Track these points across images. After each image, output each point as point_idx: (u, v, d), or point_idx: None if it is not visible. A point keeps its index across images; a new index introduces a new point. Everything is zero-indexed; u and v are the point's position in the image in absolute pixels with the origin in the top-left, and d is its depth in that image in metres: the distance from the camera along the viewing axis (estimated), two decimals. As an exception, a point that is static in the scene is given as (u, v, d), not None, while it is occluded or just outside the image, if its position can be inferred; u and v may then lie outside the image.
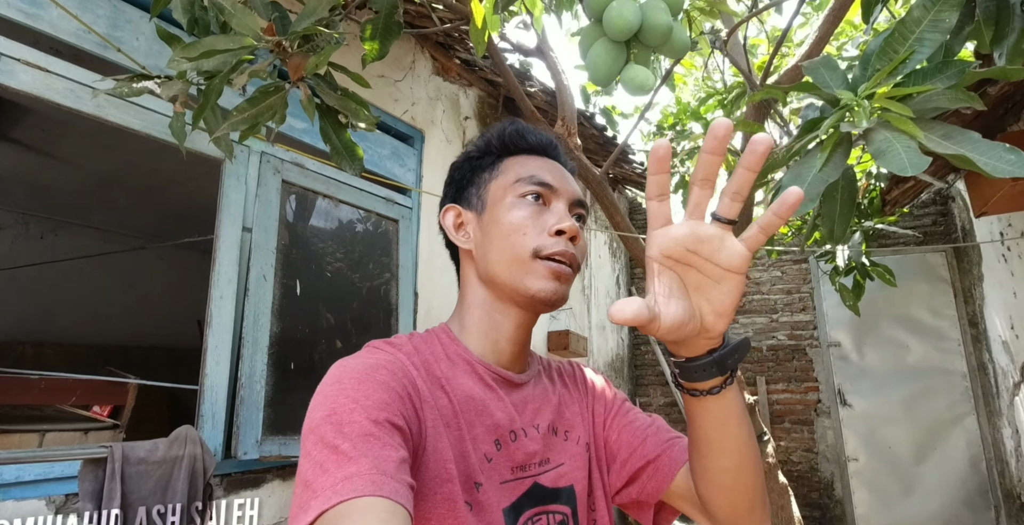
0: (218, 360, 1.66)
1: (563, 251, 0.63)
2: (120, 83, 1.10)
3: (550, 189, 0.67)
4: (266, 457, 1.69)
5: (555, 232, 0.63)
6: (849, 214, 0.95)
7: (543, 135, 0.73)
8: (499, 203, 0.67)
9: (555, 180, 0.68)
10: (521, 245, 0.63)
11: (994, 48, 0.94)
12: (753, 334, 4.61)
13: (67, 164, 3.02)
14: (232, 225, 1.75)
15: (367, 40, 1.09)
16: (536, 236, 0.64)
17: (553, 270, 0.62)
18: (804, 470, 4.31)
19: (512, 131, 0.71)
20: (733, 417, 0.56)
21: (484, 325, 0.67)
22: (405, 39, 2.54)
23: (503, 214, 0.66)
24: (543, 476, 0.64)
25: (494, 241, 0.65)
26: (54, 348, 3.64)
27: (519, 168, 0.69)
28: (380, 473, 0.45)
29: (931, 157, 0.73)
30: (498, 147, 0.71)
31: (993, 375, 3.68)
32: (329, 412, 0.50)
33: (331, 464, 0.46)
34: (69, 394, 2.01)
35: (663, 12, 1.21)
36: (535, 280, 0.62)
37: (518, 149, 0.71)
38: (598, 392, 0.75)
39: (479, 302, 0.67)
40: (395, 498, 0.44)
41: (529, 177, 0.67)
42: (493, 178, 0.69)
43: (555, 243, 0.63)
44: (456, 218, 0.70)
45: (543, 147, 0.72)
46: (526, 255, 0.63)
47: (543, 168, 0.69)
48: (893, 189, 3.08)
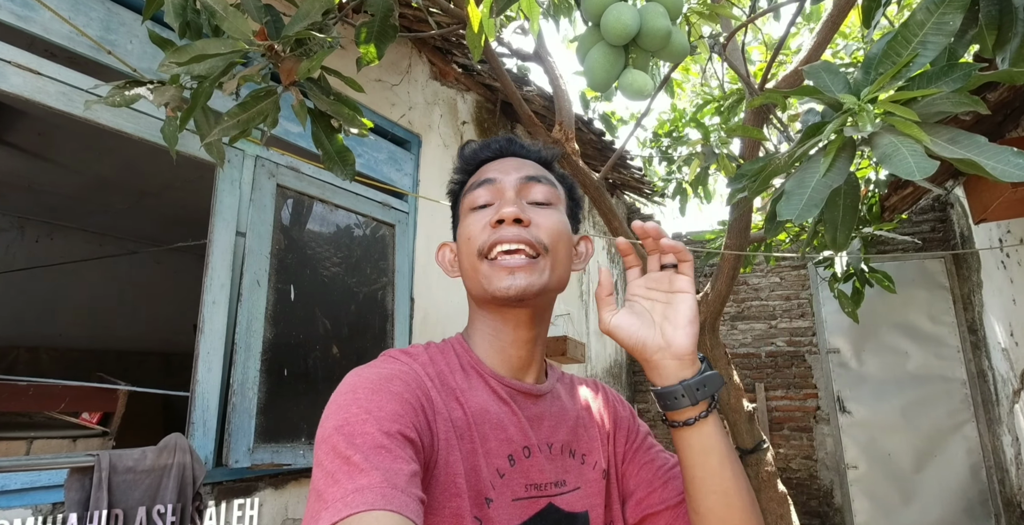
0: (210, 366, 1.63)
1: (498, 239, 0.61)
2: (113, 91, 1.09)
3: (492, 183, 0.66)
4: (258, 465, 1.66)
5: (496, 223, 0.62)
6: (852, 220, 0.93)
7: (495, 142, 0.72)
8: (460, 224, 0.68)
9: (496, 172, 0.67)
10: (471, 254, 0.64)
11: (997, 52, 0.93)
12: (752, 340, 4.59)
13: (63, 168, 3.00)
14: (226, 229, 1.73)
15: (362, 43, 1.08)
16: (479, 235, 0.63)
17: (498, 266, 0.61)
18: (803, 478, 4.28)
19: (466, 153, 0.72)
20: (714, 453, 0.57)
21: (488, 335, 0.66)
22: (402, 43, 2.53)
23: (460, 232, 0.67)
24: (559, 498, 0.62)
25: (462, 261, 0.66)
26: (49, 353, 3.61)
27: (473, 179, 0.69)
28: (391, 486, 0.44)
29: (938, 162, 0.72)
30: (462, 173, 0.72)
31: (993, 382, 3.66)
32: (342, 422, 0.50)
33: (342, 475, 0.45)
34: (58, 401, 1.98)
35: (662, 16, 1.20)
36: (489, 281, 0.62)
37: (477, 165, 0.71)
38: (622, 421, 0.73)
39: (478, 317, 0.68)
40: (405, 513, 0.43)
41: (471, 184, 0.67)
42: (461, 204, 0.70)
43: (492, 233, 0.62)
44: (450, 253, 0.72)
45: (500, 151, 0.71)
46: (475, 261, 0.63)
47: (490, 167, 0.68)
48: (892, 195, 3.08)
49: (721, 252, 2.20)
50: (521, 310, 0.64)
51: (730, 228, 2.19)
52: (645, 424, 0.76)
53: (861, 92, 0.81)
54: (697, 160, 2.93)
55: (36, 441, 1.91)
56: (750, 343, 4.59)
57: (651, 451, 0.71)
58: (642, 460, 0.69)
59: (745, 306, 4.66)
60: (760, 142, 2.12)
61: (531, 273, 0.61)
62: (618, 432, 0.71)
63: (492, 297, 0.62)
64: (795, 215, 0.79)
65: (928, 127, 0.75)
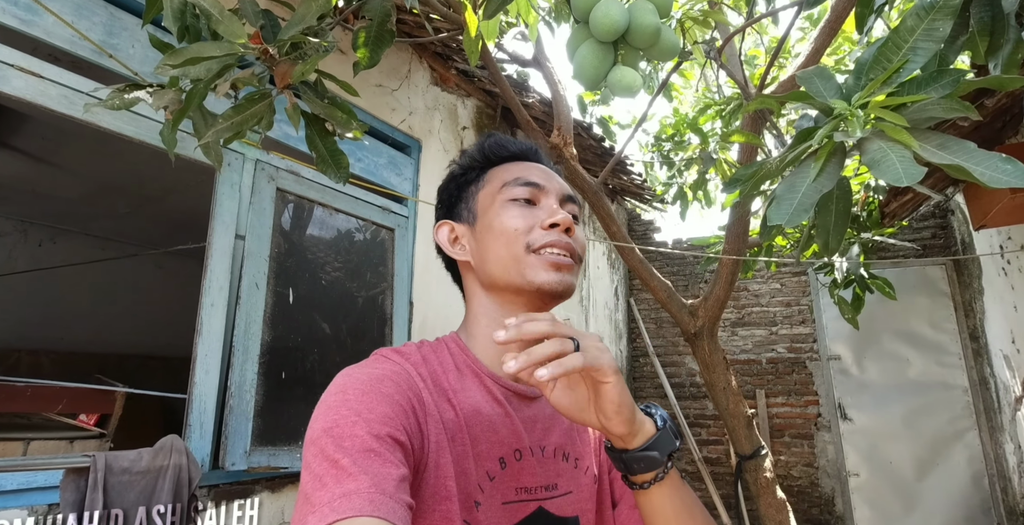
0: (207, 369, 1.64)
1: (556, 240, 0.63)
2: (113, 94, 1.10)
3: (537, 188, 0.67)
4: (254, 468, 1.66)
5: (548, 226, 0.64)
6: (844, 225, 0.93)
7: (523, 142, 0.74)
8: (489, 210, 0.67)
9: (541, 179, 0.68)
10: (516, 243, 0.63)
11: (989, 59, 0.93)
12: (752, 346, 4.58)
13: (66, 172, 3.02)
14: (225, 233, 1.74)
15: (359, 47, 1.09)
16: (528, 233, 0.64)
17: (551, 261, 0.63)
18: (804, 485, 4.25)
19: (492, 142, 0.72)
20: (671, 514, 0.57)
21: (491, 332, 0.65)
22: (403, 49, 2.55)
23: (494, 219, 0.66)
24: (550, 502, 0.62)
25: (490, 246, 0.65)
26: (50, 356, 3.62)
27: (504, 174, 0.69)
28: (379, 492, 0.44)
29: (927, 168, 0.72)
30: (480, 160, 0.72)
31: (995, 390, 3.64)
32: (331, 424, 0.49)
33: (330, 479, 0.45)
34: (55, 402, 1.98)
35: (650, 13, 1.20)
36: (536, 273, 0.62)
37: (500, 159, 0.72)
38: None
39: (485, 310, 0.67)
40: (392, 519, 0.43)
41: (515, 179, 0.68)
42: (480, 189, 0.70)
43: (547, 235, 0.63)
44: (450, 233, 0.71)
45: (524, 153, 0.73)
46: (521, 252, 0.63)
47: (528, 170, 0.69)
48: (891, 201, 3.07)
49: (720, 257, 2.21)
50: (543, 309, 0.65)
51: (728, 233, 2.19)
52: None
53: (852, 97, 0.81)
54: (697, 165, 2.93)
55: (33, 442, 1.91)
56: (751, 349, 4.58)
57: None
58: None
59: (746, 312, 4.65)
60: (757, 147, 2.13)
61: (572, 274, 0.65)
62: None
63: (534, 288, 0.62)
64: (785, 219, 0.79)
65: (918, 133, 0.75)
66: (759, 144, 1.78)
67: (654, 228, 5.22)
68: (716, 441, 4.53)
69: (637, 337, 4.94)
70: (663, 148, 3.42)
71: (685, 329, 2.33)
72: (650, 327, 4.93)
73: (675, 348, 4.80)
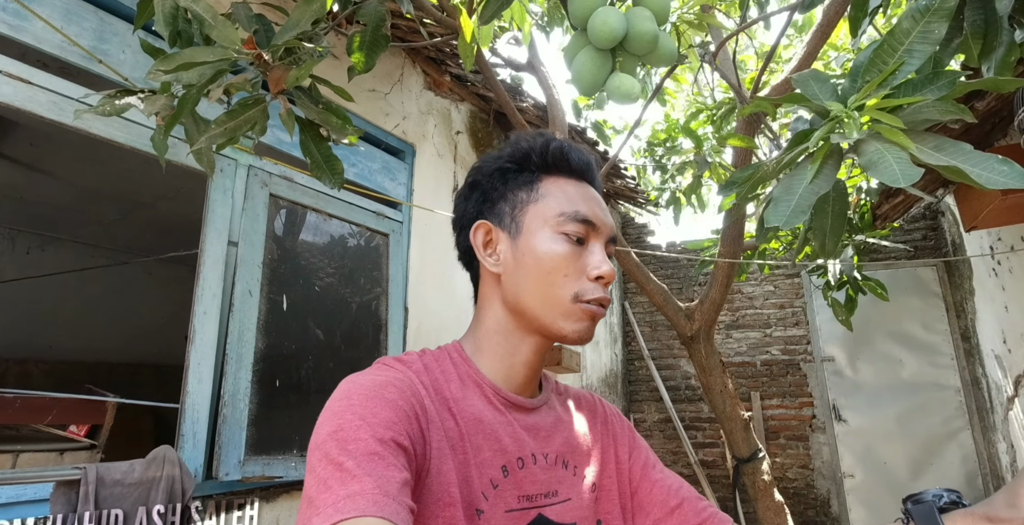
0: (200, 378, 1.62)
1: (602, 296, 0.63)
2: (104, 100, 1.08)
3: (592, 227, 0.64)
4: (249, 478, 1.64)
5: (595, 277, 0.63)
6: (840, 227, 0.93)
7: (583, 156, 0.69)
8: (537, 233, 0.63)
9: (596, 217, 0.65)
10: (561, 286, 0.62)
11: (982, 61, 0.94)
12: (747, 349, 4.59)
13: (55, 179, 2.99)
14: (218, 239, 1.72)
15: (354, 52, 1.08)
16: (576, 279, 0.62)
17: (591, 313, 0.63)
18: (800, 487, 4.26)
19: (556, 149, 0.66)
20: None
21: (501, 350, 0.65)
22: (396, 53, 2.55)
23: (541, 246, 0.63)
24: (549, 509, 0.62)
25: (530, 274, 0.63)
26: (39, 366, 3.57)
27: (560, 196, 0.65)
28: (383, 494, 0.44)
29: (923, 169, 0.72)
30: (538, 164, 0.67)
31: (987, 389, 3.66)
32: (336, 428, 0.50)
33: (334, 481, 0.46)
34: (45, 413, 1.95)
35: (648, 20, 1.20)
36: (572, 323, 0.62)
37: (558, 170, 0.67)
38: (620, 437, 0.73)
39: (499, 327, 0.65)
40: (395, 520, 0.43)
41: (573, 213, 0.63)
42: (532, 201, 0.65)
43: (595, 289, 0.63)
44: (486, 235, 0.66)
45: (583, 170, 0.68)
46: (566, 298, 0.62)
47: (585, 201, 0.65)
48: (883, 204, 3.10)
49: (715, 260, 2.21)
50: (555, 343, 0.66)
51: (723, 236, 2.20)
52: (643, 438, 0.76)
53: (848, 100, 0.81)
54: (691, 169, 2.94)
55: (22, 454, 1.88)
56: (745, 352, 4.59)
57: (656, 467, 0.72)
58: (652, 477, 0.70)
59: (740, 315, 4.66)
60: (752, 151, 2.14)
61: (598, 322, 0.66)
62: (619, 447, 0.72)
63: (563, 335, 0.63)
64: (782, 222, 0.79)
65: (914, 134, 0.76)
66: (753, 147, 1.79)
67: (648, 231, 5.24)
68: (712, 444, 4.53)
69: (632, 340, 4.95)
70: (655, 153, 3.43)
71: (682, 333, 2.33)
72: (645, 330, 4.93)
73: (670, 351, 4.81)
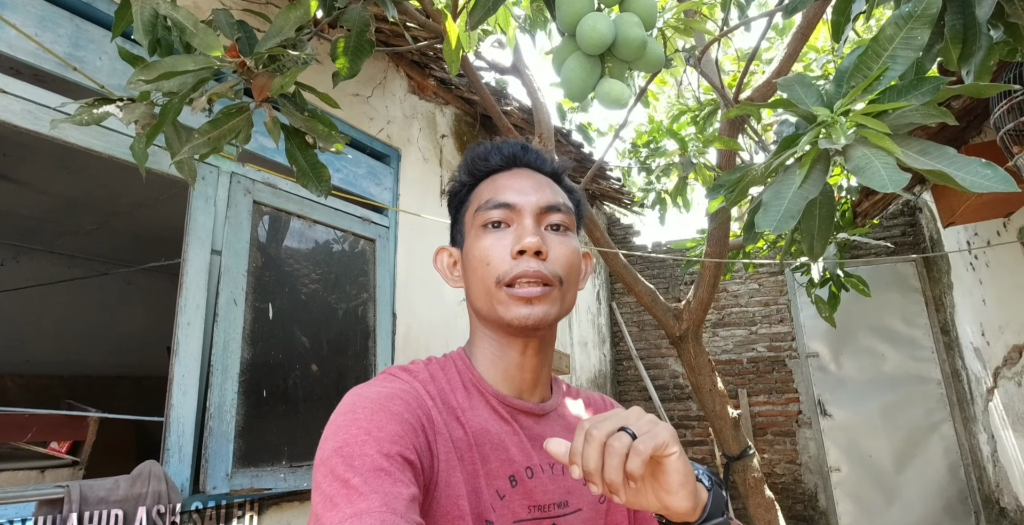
0: (185, 390, 1.58)
1: (523, 272, 0.61)
2: (81, 109, 1.06)
3: (509, 208, 0.64)
4: (237, 491, 1.61)
5: (516, 254, 0.61)
6: (828, 230, 0.94)
7: (508, 147, 0.69)
8: (468, 236, 0.66)
9: (516, 195, 0.64)
10: (486, 277, 0.62)
11: (961, 65, 0.95)
12: (733, 346, 4.63)
13: (30, 188, 2.91)
14: (200, 248, 1.69)
15: (338, 57, 1.07)
16: (499, 264, 0.62)
17: (518, 296, 0.61)
18: (788, 482, 4.31)
19: (473, 156, 0.69)
20: None
21: (491, 355, 0.65)
22: (380, 58, 2.53)
23: (470, 248, 0.65)
24: (562, 519, 0.61)
25: (469, 276, 0.65)
26: (15, 380, 3.47)
27: (483, 193, 0.67)
28: (390, 511, 0.44)
29: (910, 174, 0.73)
30: (468, 176, 0.69)
31: (967, 381, 3.74)
32: (341, 444, 0.49)
33: (340, 499, 0.45)
34: (24, 430, 1.90)
35: (636, 26, 1.21)
36: (505, 309, 0.61)
37: (486, 173, 0.69)
38: None
39: (482, 334, 0.66)
40: None
41: (486, 202, 0.65)
42: (465, 210, 0.68)
43: (515, 266, 0.61)
44: (449, 258, 0.70)
45: (511, 159, 0.69)
46: (492, 286, 0.62)
47: (506, 185, 0.66)
48: (863, 201, 3.15)
49: (701, 260, 2.23)
50: (528, 339, 0.64)
51: (710, 237, 2.22)
52: None
53: (834, 105, 0.82)
54: (675, 170, 2.96)
55: (1, 473, 1.83)
56: (731, 349, 4.63)
57: None
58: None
59: (726, 313, 4.71)
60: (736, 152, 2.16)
61: (547, 303, 0.61)
62: None
63: (508, 324, 0.61)
64: (773, 226, 0.79)
65: (899, 139, 0.77)
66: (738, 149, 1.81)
67: (633, 232, 5.26)
68: (701, 442, 4.57)
69: (620, 341, 4.97)
70: (640, 154, 3.44)
71: (670, 332, 2.35)
72: (633, 330, 4.95)
73: (658, 350, 4.84)
